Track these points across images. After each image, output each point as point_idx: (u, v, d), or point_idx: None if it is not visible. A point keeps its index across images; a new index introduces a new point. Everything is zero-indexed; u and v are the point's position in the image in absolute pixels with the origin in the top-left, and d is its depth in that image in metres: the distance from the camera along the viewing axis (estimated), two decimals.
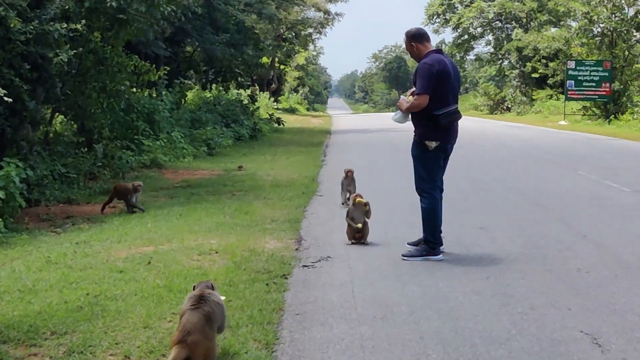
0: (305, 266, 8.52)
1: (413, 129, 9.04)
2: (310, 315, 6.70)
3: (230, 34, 34.68)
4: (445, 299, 7.15)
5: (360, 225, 9.87)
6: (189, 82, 37.17)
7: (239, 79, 47.01)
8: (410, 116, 9.02)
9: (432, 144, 8.82)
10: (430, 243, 8.95)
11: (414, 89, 9.03)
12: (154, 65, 19.57)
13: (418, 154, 8.98)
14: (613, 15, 46.30)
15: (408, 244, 9.32)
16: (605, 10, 46.07)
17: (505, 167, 19.10)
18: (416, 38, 9.04)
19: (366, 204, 9.99)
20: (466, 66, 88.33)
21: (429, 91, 8.62)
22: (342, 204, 12.78)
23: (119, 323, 6.30)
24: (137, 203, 13.01)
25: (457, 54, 79.18)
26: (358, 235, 9.93)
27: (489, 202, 13.33)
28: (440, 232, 9.05)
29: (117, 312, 6.59)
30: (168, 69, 20.89)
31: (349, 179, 13.11)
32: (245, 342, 5.89)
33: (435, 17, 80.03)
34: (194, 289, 5.61)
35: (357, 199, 10.09)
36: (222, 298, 5.71)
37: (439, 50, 9.11)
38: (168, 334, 5.94)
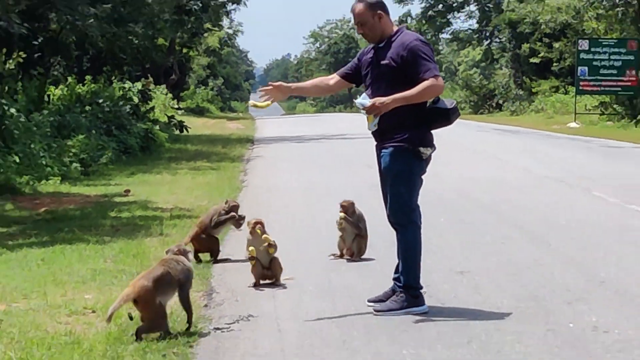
0: (218, 329, 8.53)
1: (383, 134, 9.11)
2: None
3: (112, 6, 34.48)
4: None
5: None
6: (56, 72, 36.86)
7: (126, 68, 46.80)
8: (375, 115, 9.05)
9: (428, 152, 8.98)
10: (412, 290, 9.05)
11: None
12: (3, 51, 19.20)
13: (404, 168, 9.03)
14: None
15: (369, 301, 9.39)
16: None
17: (496, 189, 19.26)
18: (382, 7, 9.12)
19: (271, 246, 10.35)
20: (441, 48, 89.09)
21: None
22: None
23: None
24: None
25: (427, 31, 79.87)
26: (268, 274, 10.31)
27: (472, 239, 13.44)
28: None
29: None
30: (24, 55, 20.46)
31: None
32: None
33: None
34: (166, 254, 8.57)
35: (257, 228, 10.36)
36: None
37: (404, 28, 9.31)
38: None
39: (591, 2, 50.61)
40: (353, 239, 11.89)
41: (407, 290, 9.04)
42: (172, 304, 8.42)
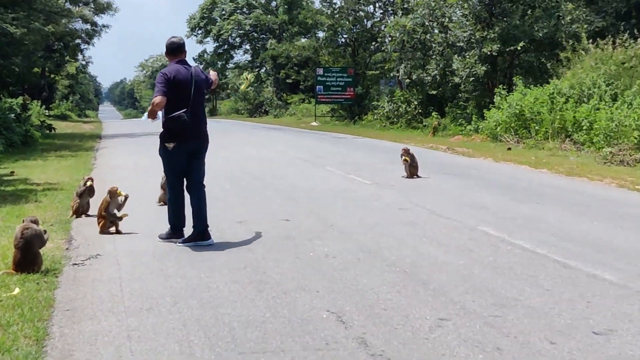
0: (76, 264, 8.31)
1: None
2: (79, 310, 6.57)
3: None
4: (206, 288, 7.20)
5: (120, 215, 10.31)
6: None
7: (11, 88, 45.07)
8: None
9: (170, 145, 9.25)
10: (173, 228, 9.52)
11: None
12: None
13: (161, 153, 9.47)
14: (354, 27, 48.38)
15: (160, 237, 9.61)
16: (347, 22, 48.01)
17: (263, 166, 19.32)
18: (166, 50, 9.71)
19: (126, 197, 10.50)
20: (227, 74, 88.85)
21: (164, 94, 8.97)
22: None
23: None
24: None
25: (218, 62, 79.78)
26: (111, 227, 10.21)
27: (247, 199, 13.46)
28: (207, 225, 9.36)
29: None
30: None
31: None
32: (16, 340, 5.72)
33: (197, 29, 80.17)
34: (22, 222, 7.98)
35: (118, 192, 10.40)
36: (42, 229, 8.04)
37: (181, 61, 9.49)
38: None
39: (324, 44, 51.70)
40: None
41: (172, 230, 9.57)
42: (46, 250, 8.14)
